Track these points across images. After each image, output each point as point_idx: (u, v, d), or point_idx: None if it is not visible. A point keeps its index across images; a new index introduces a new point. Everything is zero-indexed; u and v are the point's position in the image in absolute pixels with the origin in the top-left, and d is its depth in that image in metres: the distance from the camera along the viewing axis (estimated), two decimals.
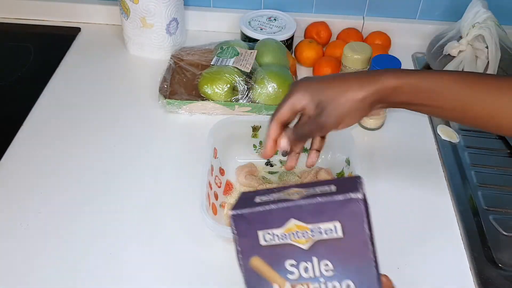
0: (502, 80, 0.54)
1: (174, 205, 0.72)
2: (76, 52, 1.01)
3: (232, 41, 0.94)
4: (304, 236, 0.40)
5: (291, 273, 0.40)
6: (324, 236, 0.40)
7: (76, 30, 1.06)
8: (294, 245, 0.40)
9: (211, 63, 0.88)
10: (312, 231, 0.40)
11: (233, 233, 0.41)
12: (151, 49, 0.98)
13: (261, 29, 0.99)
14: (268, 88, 0.84)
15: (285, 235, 0.40)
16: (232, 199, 0.72)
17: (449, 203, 0.74)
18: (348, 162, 0.72)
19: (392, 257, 0.66)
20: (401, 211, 0.72)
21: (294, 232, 0.40)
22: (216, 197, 0.70)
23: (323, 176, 0.73)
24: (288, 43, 1.00)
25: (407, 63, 1.01)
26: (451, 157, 0.81)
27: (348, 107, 0.53)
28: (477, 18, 0.89)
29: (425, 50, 1.01)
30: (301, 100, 0.55)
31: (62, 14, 1.08)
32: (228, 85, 0.84)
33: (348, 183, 0.40)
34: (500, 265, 0.65)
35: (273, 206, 0.40)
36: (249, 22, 1.01)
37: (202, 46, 0.96)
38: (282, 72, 0.86)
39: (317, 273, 0.40)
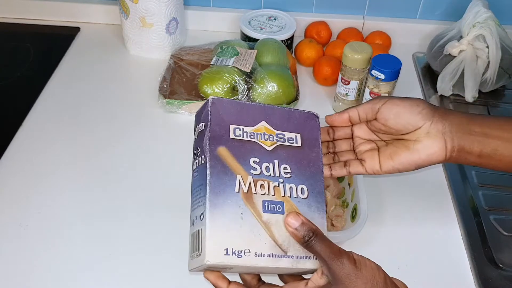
0: None
1: (174, 205, 0.71)
2: (75, 52, 1.01)
3: (232, 41, 0.94)
4: (269, 139, 0.45)
5: (254, 169, 0.44)
6: (286, 143, 0.46)
7: (76, 30, 1.06)
8: (259, 144, 0.45)
9: (211, 63, 0.88)
10: (277, 136, 0.46)
11: (208, 117, 0.44)
12: (151, 49, 0.98)
13: (261, 29, 0.99)
14: (268, 88, 0.84)
15: (254, 134, 0.45)
16: None
17: (450, 203, 0.74)
18: None
19: (392, 257, 0.66)
20: (401, 211, 0.72)
21: (262, 133, 0.45)
22: None
23: None
24: (288, 42, 0.99)
25: (407, 63, 1.01)
26: None
27: None
28: (477, 18, 0.89)
29: (425, 50, 1.00)
30: None
31: (62, 14, 1.08)
32: (228, 85, 0.84)
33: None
34: (500, 265, 0.65)
35: (248, 102, 0.46)
36: (249, 22, 1.01)
37: (202, 46, 0.96)
38: (282, 72, 0.86)
39: (277, 174, 0.44)
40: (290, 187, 0.44)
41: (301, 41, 1.00)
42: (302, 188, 0.44)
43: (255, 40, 0.96)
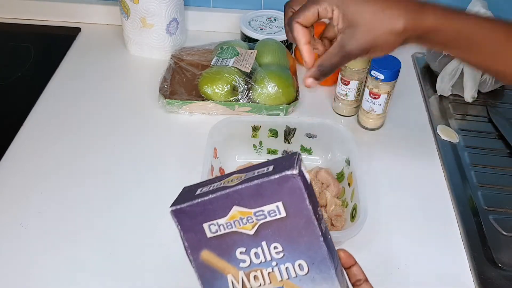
0: None
1: None
2: (76, 52, 1.01)
3: (232, 41, 0.94)
4: (249, 221, 0.39)
5: (243, 261, 0.40)
6: (269, 218, 0.39)
7: (76, 30, 1.06)
8: (240, 232, 0.39)
9: (211, 63, 0.89)
10: (255, 214, 0.39)
11: (178, 229, 0.41)
12: (151, 49, 0.99)
13: (261, 29, 0.99)
14: (268, 88, 0.84)
15: (230, 223, 0.40)
16: None
17: (449, 203, 0.74)
18: (348, 162, 0.72)
19: (392, 257, 0.66)
20: (401, 211, 0.72)
21: (238, 219, 0.40)
22: None
23: (323, 176, 0.73)
24: (288, 43, 1.00)
25: (407, 64, 1.01)
26: (451, 157, 0.81)
27: (382, 37, 0.47)
28: None
29: (425, 50, 1.01)
30: (328, 12, 0.49)
31: (62, 14, 1.08)
32: (228, 85, 0.84)
33: (286, 161, 0.39)
34: (500, 265, 0.65)
35: (211, 196, 0.39)
36: (249, 22, 1.01)
37: (202, 46, 0.96)
38: (282, 72, 0.86)
39: (268, 257, 0.40)
40: (286, 267, 0.39)
41: None
42: (300, 264, 0.39)
43: (255, 40, 0.96)
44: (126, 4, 0.93)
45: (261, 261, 0.40)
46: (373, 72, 0.78)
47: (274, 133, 0.77)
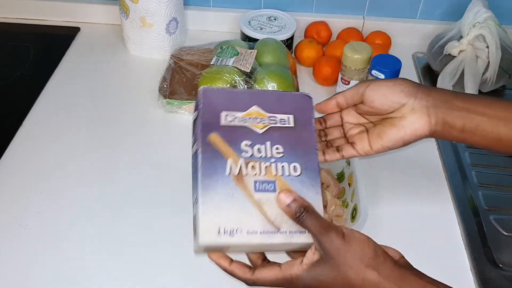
0: None
1: (174, 204, 0.71)
2: (75, 52, 1.01)
3: (232, 41, 0.94)
4: (261, 122, 0.46)
5: (246, 151, 0.45)
6: (279, 125, 0.47)
7: (76, 30, 1.06)
8: (251, 128, 0.46)
9: (211, 63, 0.88)
10: (269, 118, 0.47)
11: (199, 106, 0.46)
12: (151, 49, 0.98)
13: (261, 29, 0.99)
14: (268, 88, 0.84)
15: (245, 118, 0.46)
16: None
17: (450, 203, 0.74)
18: (348, 162, 0.72)
19: None
20: (401, 211, 0.72)
21: (254, 117, 0.46)
22: None
23: (323, 176, 0.73)
24: (288, 43, 0.99)
25: (407, 63, 1.01)
26: (452, 157, 0.81)
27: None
28: (477, 18, 0.89)
29: (425, 50, 1.00)
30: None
31: (62, 14, 1.08)
32: (228, 85, 0.84)
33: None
34: (500, 265, 0.65)
35: (239, 90, 0.47)
36: (249, 22, 1.01)
37: (202, 46, 0.96)
38: (282, 72, 0.86)
39: (269, 154, 0.45)
40: (282, 166, 0.45)
41: (301, 41, 1.00)
42: (294, 166, 0.45)
43: (255, 40, 0.96)
44: (126, 3, 0.92)
45: (261, 156, 0.45)
46: (373, 71, 0.78)
47: None
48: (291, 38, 1.00)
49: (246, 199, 0.44)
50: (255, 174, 0.44)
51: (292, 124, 0.47)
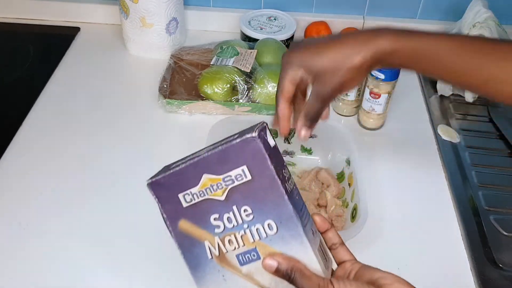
0: (502, 45, 0.52)
1: None
2: (75, 52, 1.01)
3: (232, 41, 0.94)
4: (219, 188, 0.42)
5: (217, 227, 0.43)
6: (236, 183, 0.41)
7: (76, 30, 1.06)
8: (212, 199, 0.42)
9: (211, 63, 0.88)
10: (224, 180, 0.42)
11: (156, 201, 0.44)
12: (151, 49, 0.98)
13: (261, 29, 0.99)
14: (268, 88, 0.84)
15: (202, 191, 0.42)
16: None
17: (450, 203, 0.74)
18: (348, 162, 0.72)
19: (392, 257, 0.66)
20: (401, 211, 0.72)
21: (209, 186, 0.42)
22: None
23: (323, 176, 0.73)
24: (288, 42, 0.99)
25: None
26: (452, 157, 0.80)
27: (346, 75, 0.51)
28: (477, 18, 0.89)
29: None
30: (297, 73, 0.54)
31: (62, 14, 1.08)
32: (228, 85, 0.84)
33: (248, 129, 0.42)
34: (500, 265, 0.65)
35: (182, 166, 0.43)
36: (249, 22, 1.01)
37: (202, 46, 0.96)
38: None
39: (240, 221, 0.42)
40: (257, 229, 0.42)
41: None
42: (269, 224, 0.42)
43: (255, 40, 0.96)
44: (126, 3, 0.92)
45: (233, 225, 0.42)
46: (373, 71, 0.78)
47: (274, 133, 0.76)
48: (291, 38, 1.00)
49: (236, 276, 0.43)
50: (234, 248, 0.43)
51: (249, 177, 0.41)
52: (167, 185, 0.43)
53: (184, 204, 0.43)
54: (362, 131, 0.85)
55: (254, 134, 0.40)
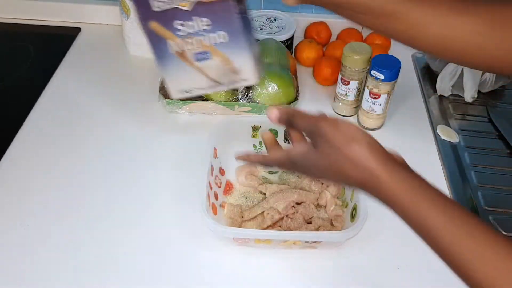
0: (457, 1, 0.51)
1: (174, 205, 0.72)
2: (76, 52, 1.01)
3: None
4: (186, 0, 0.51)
5: (181, 31, 0.53)
6: None
7: (76, 30, 1.06)
8: (179, 8, 0.51)
9: None
10: None
11: (132, 2, 0.52)
12: None
13: (261, 29, 0.99)
14: (268, 88, 0.84)
15: (172, 0, 0.51)
16: (232, 199, 0.72)
17: None
18: None
19: (392, 257, 0.66)
20: None
21: None
22: (216, 197, 0.70)
23: None
24: (288, 43, 1.00)
25: (407, 63, 1.01)
26: (451, 157, 0.81)
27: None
28: None
29: None
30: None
31: (62, 14, 1.08)
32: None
33: None
34: None
35: None
36: None
37: None
38: (282, 72, 0.86)
39: (199, 28, 0.52)
40: (212, 36, 0.53)
41: (301, 42, 1.01)
42: (222, 34, 0.52)
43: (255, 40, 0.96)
44: (126, 4, 0.93)
45: (193, 31, 0.53)
46: (373, 72, 0.78)
47: (274, 133, 0.77)
48: (291, 38, 1.00)
49: (191, 67, 0.56)
50: (192, 48, 0.54)
51: None
52: None
53: (154, 8, 0.51)
54: None
55: None
